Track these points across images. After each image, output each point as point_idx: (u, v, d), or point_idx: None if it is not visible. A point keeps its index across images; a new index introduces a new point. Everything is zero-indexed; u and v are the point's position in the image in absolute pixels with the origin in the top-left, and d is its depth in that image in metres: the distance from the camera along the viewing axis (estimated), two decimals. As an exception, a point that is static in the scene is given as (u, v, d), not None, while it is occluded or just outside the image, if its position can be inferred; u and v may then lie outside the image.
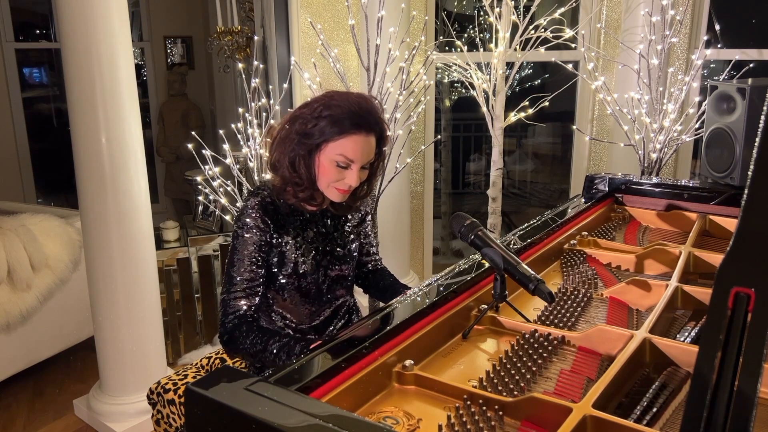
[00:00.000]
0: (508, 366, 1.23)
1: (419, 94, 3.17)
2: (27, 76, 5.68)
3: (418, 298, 1.39)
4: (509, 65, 3.26)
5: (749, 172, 0.77)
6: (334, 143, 1.54)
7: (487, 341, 1.39)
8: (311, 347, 1.49)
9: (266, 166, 1.72)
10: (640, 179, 2.33)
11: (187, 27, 6.14)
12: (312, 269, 1.68)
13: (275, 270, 1.67)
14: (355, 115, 1.54)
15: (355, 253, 1.81)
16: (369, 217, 1.89)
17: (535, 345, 1.30)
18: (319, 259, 1.70)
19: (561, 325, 1.41)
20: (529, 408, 1.06)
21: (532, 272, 1.39)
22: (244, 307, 1.61)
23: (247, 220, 1.62)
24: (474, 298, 1.48)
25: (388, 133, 1.66)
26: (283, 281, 1.67)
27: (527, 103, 3.29)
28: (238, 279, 1.62)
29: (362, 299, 2.56)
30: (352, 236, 1.80)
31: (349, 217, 1.81)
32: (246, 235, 1.62)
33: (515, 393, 1.14)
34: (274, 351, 1.53)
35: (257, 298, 1.64)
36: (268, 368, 1.66)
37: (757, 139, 0.77)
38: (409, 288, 1.75)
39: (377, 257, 1.95)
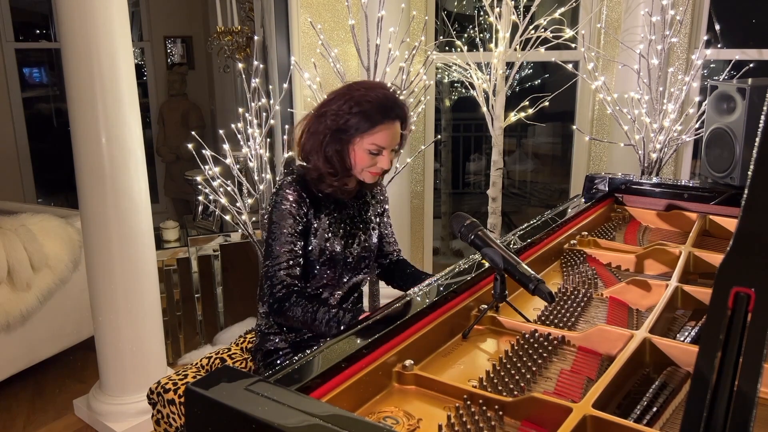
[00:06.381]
0: (508, 366, 1.23)
1: (419, 94, 3.17)
2: (27, 76, 5.67)
3: (418, 298, 1.39)
4: (509, 65, 3.26)
5: (749, 172, 0.77)
6: (368, 136, 1.67)
7: (487, 341, 1.39)
8: (360, 318, 1.55)
9: (297, 156, 1.81)
10: (640, 179, 2.33)
11: (187, 27, 6.14)
12: (340, 248, 1.77)
13: (307, 244, 1.75)
14: (384, 108, 1.67)
15: (374, 241, 1.89)
16: (387, 209, 2.00)
17: (535, 345, 1.30)
18: (347, 239, 1.80)
19: (561, 325, 1.41)
20: (529, 408, 1.05)
21: (532, 272, 1.39)
22: (288, 279, 1.69)
23: (287, 192, 1.71)
24: (474, 298, 1.48)
25: (409, 113, 1.79)
26: (311, 258, 1.75)
27: (527, 103, 3.29)
28: (280, 251, 1.70)
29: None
30: (372, 224, 1.90)
31: (372, 203, 1.91)
32: (284, 206, 1.70)
33: (515, 393, 1.14)
34: (324, 321, 1.63)
35: (298, 269, 1.72)
36: (319, 336, 1.77)
37: (757, 139, 0.77)
38: (431, 275, 1.81)
39: (397, 249, 2.06)
